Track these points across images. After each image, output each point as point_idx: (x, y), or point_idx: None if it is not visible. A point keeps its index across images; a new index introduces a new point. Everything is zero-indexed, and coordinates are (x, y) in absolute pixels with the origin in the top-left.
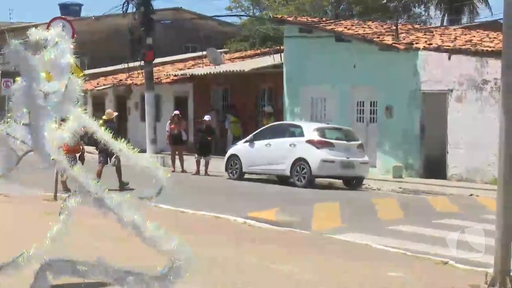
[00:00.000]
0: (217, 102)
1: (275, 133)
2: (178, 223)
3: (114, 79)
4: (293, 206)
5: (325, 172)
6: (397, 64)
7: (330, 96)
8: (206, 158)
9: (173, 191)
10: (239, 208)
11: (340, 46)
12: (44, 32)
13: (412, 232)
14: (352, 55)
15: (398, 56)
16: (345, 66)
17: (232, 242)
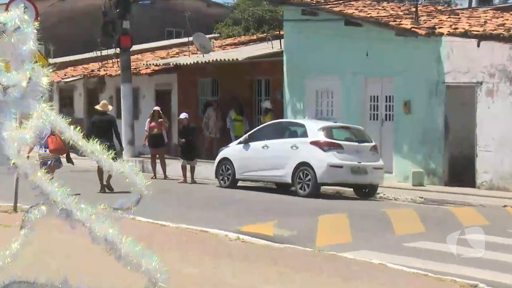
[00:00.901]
0: (206, 96)
1: (274, 133)
2: (159, 238)
3: (84, 69)
4: (294, 218)
5: (333, 179)
6: (416, 52)
7: (338, 89)
8: (191, 163)
9: (153, 201)
10: (231, 221)
11: (350, 31)
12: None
13: (435, 249)
14: (364, 42)
15: (418, 42)
16: (356, 54)
17: (222, 260)
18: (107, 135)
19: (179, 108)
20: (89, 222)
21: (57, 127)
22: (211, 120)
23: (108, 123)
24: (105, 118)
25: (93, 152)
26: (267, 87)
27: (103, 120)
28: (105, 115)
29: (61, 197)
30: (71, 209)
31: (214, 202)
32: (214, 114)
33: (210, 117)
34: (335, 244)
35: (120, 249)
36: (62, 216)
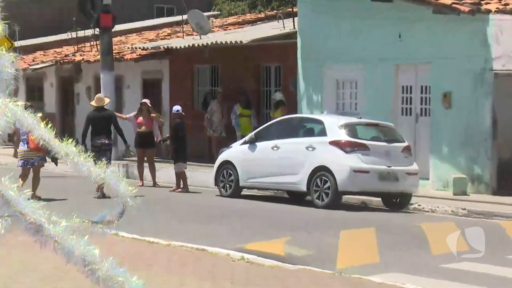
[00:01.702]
0: (203, 86)
1: (286, 131)
2: (147, 258)
3: (56, 54)
4: (310, 234)
5: (357, 187)
6: (458, 34)
7: (363, 79)
8: (179, 166)
9: (140, 214)
10: (234, 237)
11: (379, 8)
12: None
13: (479, 272)
14: (395, 21)
15: (460, 22)
16: (385, 36)
17: (222, 285)
18: (106, 133)
19: (171, 101)
20: (63, 239)
21: (25, 124)
22: (215, 116)
23: (106, 119)
24: (102, 114)
25: (68, 155)
26: (278, 76)
27: (100, 116)
28: (102, 111)
29: (30, 208)
30: (41, 223)
31: (214, 214)
32: (219, 109)
33: (213, 112)
34: (359, 265)
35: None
36: (30, 230)
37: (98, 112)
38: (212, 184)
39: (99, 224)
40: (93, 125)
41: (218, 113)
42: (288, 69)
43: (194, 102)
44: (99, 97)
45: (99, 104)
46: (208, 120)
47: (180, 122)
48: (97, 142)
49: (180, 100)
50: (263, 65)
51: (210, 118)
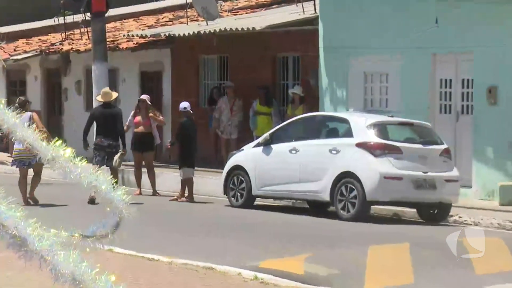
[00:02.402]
0: (210, 80)
1: (306, 131)
2: (145, 277)
3: (41, 42)
4: (334, 250)
5: (388, 196)
6: (507, 18)
7: (395, 71)
8: (186, 172)
9: (138, 226)
10: (246, 253)
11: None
12: None
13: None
14: (431, 4)
15: (508, 4)
16: (420, 22)
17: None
18: (112, 133)
19: (173, 97)
20: (51, 254)
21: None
22: (224, 115)
23: (113, 117)
24: (108, 111)
25: (54, 159)
26: (296, 68)
27: (107, 114)
28: (108, 108)
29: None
30: (25, 236)
31: (222, 227)
32: (228, 106)
33: (222, 111)
34: (391, 287)
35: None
36: (13, 245)
37: (104, 108)
38: (220, 193)
39: (90, 238)
40: (99, 123)
41: (227, 111)
42: (309, 60)
43: (200, 98)
44: (106, 91)
45: (106, 99)
46: (216, 119)
47: (187, 121)
48: (103, 142)
49: (184, 96)
50: (279, 56)
51: (218, 117)
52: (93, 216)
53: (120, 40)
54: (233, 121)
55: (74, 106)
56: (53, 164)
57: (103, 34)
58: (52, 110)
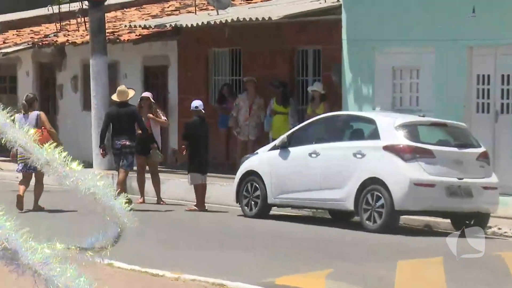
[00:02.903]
0: (221, 76)
1: (327, 132)
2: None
3: (34, 34)
4: (359, 265)
5: (418, 205)
6: None
7: (427, 66)
8: (204, 179)
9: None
10: (261, 268)
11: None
12: None
13: None
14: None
15: None
16: (455, 12)
17: None
18: (128, 133)
19: (180, 94)
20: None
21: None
22: (241, 113)
23: (129, 117)
24: (124, 110)
25: (48, 163)
26: (317, 62)
27: (122, 113)
28: (124, 106)
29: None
30: (16, 248)
31: (235, 239)
32: (247, 103)
33: (240, 109)
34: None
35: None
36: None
37: (119, 107)
38: (232, 201)
39: (88, 251)
40: (114, 124)
41: (245, 109)
42: (330, 54)
43: (210, 96)
44: (122, 89)
45: (121, 98)
46: (234, 118)
47: (196, 121)
48: (117, 144)
49: (192, 93)
50: (298, 49)
51: (236, 116)
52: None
53: (121, 32)
54: (251, 121)
55: (70, 104)
56: (47, 168)
57: (102, 25)
58: (45, 109)
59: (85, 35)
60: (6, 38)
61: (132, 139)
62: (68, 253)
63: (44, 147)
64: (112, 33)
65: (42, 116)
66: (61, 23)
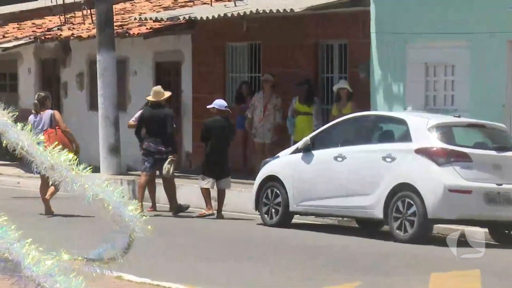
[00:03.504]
0: (238, 73)
1: (354, 134)
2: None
3: (36, 27)
4: (388, 278)
5: (454, 213)
6: None
7: (463, 61)
8: (221, 183)
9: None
10: (283, 281)
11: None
12: None
13: None
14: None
15: None
16: (492, 2)
17: None
18: (162, 137)
19: (194, 92)
20: (49, 281)
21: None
22: (256, 114)
23: (163, 120)
24: (158, 112)
25: (53, 167)
26: (343, 58)
27: (156, 115)
28: (158, 108)
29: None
30: (19, 260)
31: (254, 249)
32: (262, 104)
33: (255, 109)
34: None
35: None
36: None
37: (153, 109)
38: (251, 209)
39: (96, 262)
40: (148, 126)
41: (259, 110)
42: (358, 48)
43: (227, 94)
44: (157, 90)
45: (157, 98)
46: (249, 119)
47: (217, 120)
48: (152, 147)
49: (207, 92)
50: (322, 43)
51: (251, 117)
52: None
53: (131, 25)
54: (266, 122)
55: (75, 103)
56: (51, 173)
57: (110, 17)
58: None
59: (91, 28)
60: (6, 32)
61: (167, 143)
62: (75, 265)
63: (48, 149)
64: (121, 26)
65: (57, 115)
66: (66, 16)
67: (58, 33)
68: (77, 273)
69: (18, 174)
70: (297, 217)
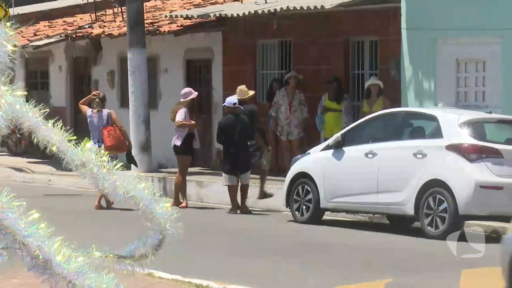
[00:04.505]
0: (269, 69)
1: (385, 131)
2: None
3: (67, 25)
4: (419, 274)
5: (485, 209)
6: None
7: (495, 58)
8: (243, 179)
9: (184, 245)
10: (315, 278)
11: None
12: None
13: None
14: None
15: None
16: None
17: None
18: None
19: (224, 90)
20: (81, 278)
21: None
22: (281, 111)
23: (248, 116)
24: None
25: (84, 164)
26: (374, 55)
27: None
28: (243, 105)
29: (35, 237)
30: (49, 258)
31: (285, 246)
32: (286, 100)
33: (279, 107)
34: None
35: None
36: (35, 268)
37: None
38: (282, 206)
39: (127, 260)
40: None
41: (285, 107)
42: (389, 45)
43: (257, 92)
44: (243, 88)
45: (242, 96)
46: (273, 117)
47: (229, 118)
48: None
49: None
50: (353, 40)
51: (275, 115)
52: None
53: (161, 22)
54: (293, 118)
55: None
56: (82, 170)
57: (141, 15)
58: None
59: (122, 26)
60: (37, 30)
61: (252, 137)
62: (106, 262)
63: (80, 147)
64: (151, 24)
65: (113, 114)
66: (96, 13)
67: (89, 31)
68: (108, 270)
69: (49, 172)
70: (328, 214)
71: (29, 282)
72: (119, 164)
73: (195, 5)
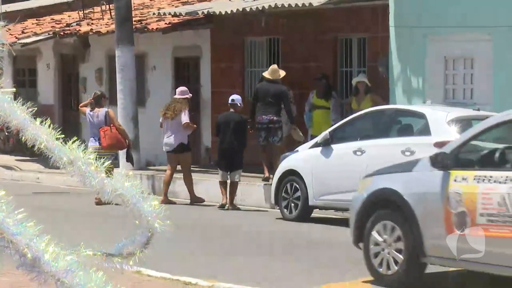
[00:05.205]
0: (257, 67)
1: (373, 128)
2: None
3: (55, 23)
4: None
5: None
6: None
7: (484, 55)
8: (232, 176)
9: (172, 243)
10: (303, 275)
11: None
12: None
13: None
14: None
15: None
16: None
17: None
18: (273, 110)
19: (213, 87)
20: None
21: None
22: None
23: (277, 95)
24: (273, 87)
25: (72, 162)
26: (362, 52)
27: (271, 90)
28: (273, 84)
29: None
30: (38, 256)
31: (274, 243)
32: None
33: None
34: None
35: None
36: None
37: (268, 85)
38: (270, 203)
39: (116, 258)
40: (261, 100)
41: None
42: (376, 42)
43: (245, 90)
44: (274, 68)
45: (273, 76)
46: None
47: (226, 114)
48: (264, 119)
49: (226, 87)
50: (341, 37)
51: None
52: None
53: (149, 20)
54: None
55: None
56: (70, 168)
57: (129, 12)
58: (67, 104)
59: (110, 23)
60: (25, 28)
61: (278, 114)
62: (94, 260)
63: (68, 145)
64: (140, 21)
65: (111, 113)
66: (84, 11)
67: (77, 29)
68: (97, 268)
69: (38, 170)
70: (316, 211)
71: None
72: (108, 162)
73: (183, 2)
